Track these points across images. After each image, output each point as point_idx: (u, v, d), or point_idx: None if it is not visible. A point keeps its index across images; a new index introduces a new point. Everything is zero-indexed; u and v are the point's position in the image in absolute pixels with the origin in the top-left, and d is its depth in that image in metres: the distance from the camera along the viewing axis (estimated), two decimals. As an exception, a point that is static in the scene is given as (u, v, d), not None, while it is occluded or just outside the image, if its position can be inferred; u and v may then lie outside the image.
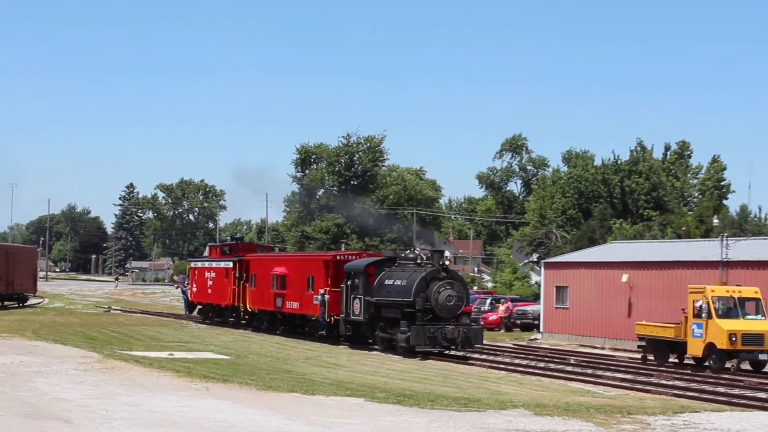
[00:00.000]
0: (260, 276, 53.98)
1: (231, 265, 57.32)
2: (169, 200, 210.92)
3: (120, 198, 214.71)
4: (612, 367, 37.78)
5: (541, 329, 55.30)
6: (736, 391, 30.95)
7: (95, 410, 20.83)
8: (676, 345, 38.12)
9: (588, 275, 52.40)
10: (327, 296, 45.96)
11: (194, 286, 63.78)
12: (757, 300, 37.21)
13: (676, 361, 38.57)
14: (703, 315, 36.13)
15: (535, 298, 63.47)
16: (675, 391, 30.44)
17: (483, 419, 21.50)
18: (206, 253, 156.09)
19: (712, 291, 36.59)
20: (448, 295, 40.00)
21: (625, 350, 46.39)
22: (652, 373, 36.51)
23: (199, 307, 63.88)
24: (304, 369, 33.84)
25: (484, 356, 41.08)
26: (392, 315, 41.77)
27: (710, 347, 35.97)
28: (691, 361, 37.87)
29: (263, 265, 54.32)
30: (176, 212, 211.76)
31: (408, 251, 47.72)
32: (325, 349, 44.18)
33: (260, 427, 19.01)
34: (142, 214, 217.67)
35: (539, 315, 56.09)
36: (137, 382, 27.37)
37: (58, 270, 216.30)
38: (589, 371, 35.98)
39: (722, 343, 35.32)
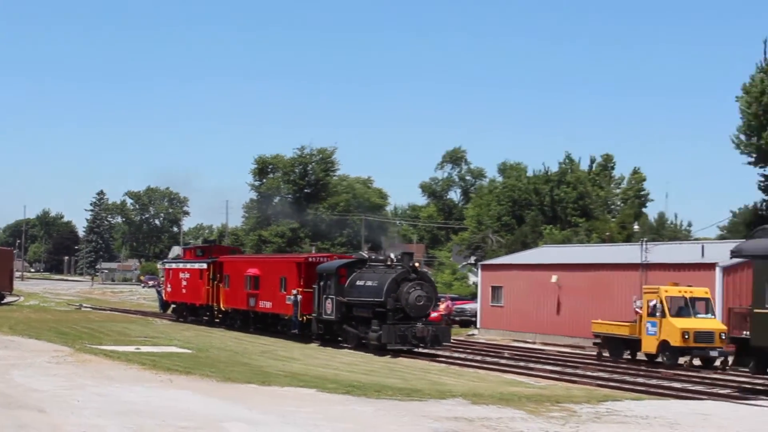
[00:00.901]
0: (233, 277, 52.81)
1: (205, 266, 56.10)
2: (137, 206, 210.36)
3: (91, 204, 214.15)
4: (542, 360, 37.96)
5: (478, 325, 55.55)
6: (654, 381, 31.31)
7: (67, 400, 20.72)
8: (630, 342, 37.81)
9: (521, 276, 52.68)
10: (300, 296, 44.87)
11: (168, 286, 62.45)
12: (707, 300, 37.38)
13: (629, 357, 38.26)
14: (657, 314, 36.01)
15: (473, 296, 63.59)
16: (599, 382, 30.64)
17: (425, 408, 21.58)
18: (172, 254, 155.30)
19: (666, 291, 36.63)
20: (418, 296, 39.10)
21: (554, 344, 46.67)
22: (578, 365, 36.81)
23: (173, 306, 62.47)
24: (261, 362, 33.77)
25: (426, 350, 41.08)
26: (364, 314, 40.73)
27: (664, 344, 35.92)
28: (644, 358, 37.64)
29: (236, 267, 53.27)
30: (143, 217, 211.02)
31: (373, 254, 47.24)
32: (280, 344, 44.06)
33: (220, 416, 18.99)
34: (111, 219, 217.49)
35: (476, 312, 56.38)
36: (106, 374, 27.22)
37: (33, 270, 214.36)
38: (522, 364, 36.10)
39: (676, 341, 35.31)
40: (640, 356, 37.93)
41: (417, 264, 41.14)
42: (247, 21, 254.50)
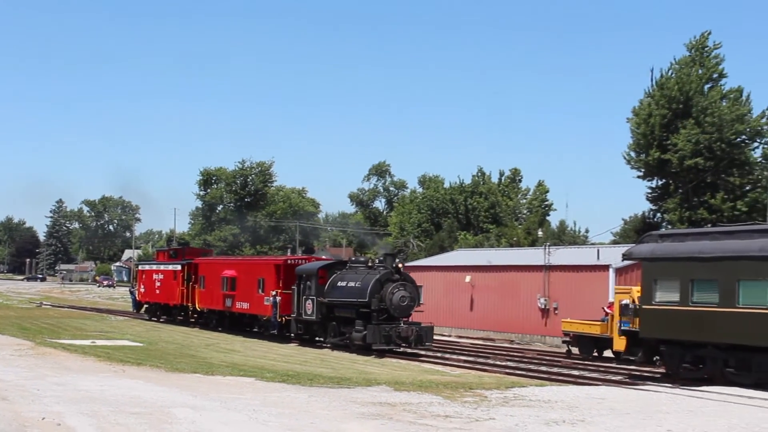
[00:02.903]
0: (209, 278, 49.65)
1: (179, 267, 53.04)
2: (93, 213, 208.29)
3: (51, 211, 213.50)
4: (457, 352, 38.13)
5: (401, 321, 55.63)
6: (555, 370, 31.61)
7: (28, 389, 20.40)
8: (600, 340, 35.76)
9: (438, 276, 52.88)
10: (279, 298, 41.79)
11: (142, 287, 59.43)
12: None
13: (596, 354, 36.31)
14: (630, 313, 34.23)
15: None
16: (507, 371, 30.88)
17: (353, 394, 21.57)
18: (125, 257, 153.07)
19: (638, 291, 34.69)
20: (402, 296, 36.32)
21: (468, 337, 46.94)
22: (489, 355, 37.02)
23: (145, 306, 59.39)
24: (205, 354, 33.54)
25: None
26: (346, 315, 37.77)
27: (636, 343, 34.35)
28: (611, 355, 35.17)
29: (212, 268, 50.01)
30: (98, 223, 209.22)
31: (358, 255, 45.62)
32: (222, 337, 43.78)
33: (168, 402, 18.82)
34: (69, 225, 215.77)
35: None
36: (64, 366, 26.89)
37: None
38: (439, 355, 36.20)
39: None
40: (607, 353, 35.76)
41: (400, 265, 38.41)
42: (195, 48, 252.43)
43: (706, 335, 26.43)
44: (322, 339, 40.24)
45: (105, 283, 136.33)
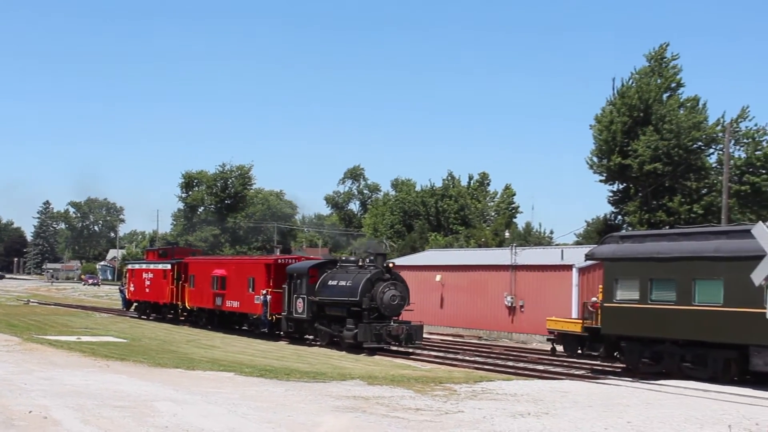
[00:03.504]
0: (199, 277, 48.78)
1: (169, 266, 52.17)
2: (78, 214, 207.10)
3: (38, 212, 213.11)
4: (428, 347, 38.10)
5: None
6: (521, 365, 31.70)
7: (16, 383, 20.26)
8: (584, 339, 33.24)
9: (410, 275, 52.65)
10: (269, 296, 40.91)
11: (132, 285, 58.48)
12: None
13: (580, 352, 33.91)
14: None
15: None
16: (476, 365, 30.93)
17: (328, 388, 21.56)
18: (109, 257, 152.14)
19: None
20: (392, 295, 35.40)
21: (438, 334, 46.95)
22: (458, 351, 37.08)
23: (135, 304, 58.47)
24: (187, 350, 33.41)
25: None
26: (337, 313, 36.77)
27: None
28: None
29: (202, 268, 49.06)
30: (84, 224, 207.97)
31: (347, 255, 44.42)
32: (204, 333, 43.62)
33: (151, 396, 18.76)
34: (56, 225, 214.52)
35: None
36: (51, 361, 26.70)
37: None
38: (410, 350, 36.15)
39: None
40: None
41: (391, 265, 37.34)
42: (178, 55, 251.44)
43: (664, 332, 26.62)
44: (312, 337, 39.42)
45: (90, 281, 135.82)
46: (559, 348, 32.79)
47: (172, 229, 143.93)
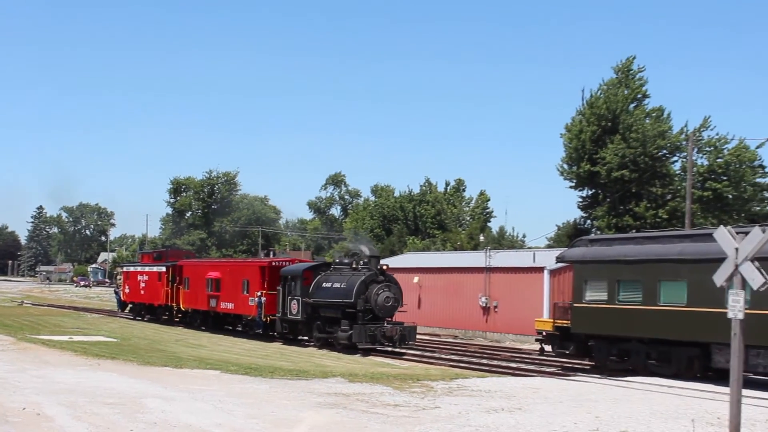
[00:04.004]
0: (194, 279, 48.12)
1: (164, 269, 51.58)
2: (71, 219, 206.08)
3: (32, 216, 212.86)
4: (405, 346, 38.02)
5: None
6: (495, 362, 31.78)
7: (10, 381, 20.20)
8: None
9: (389, 277, 52.87)
10: (264, 298, 40.23)
11: (127, 287, 57.71)
12: None
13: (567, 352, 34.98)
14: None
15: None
16: (452, 363, 30.98)
17: (310, 386, 21.57)
18: (100, 259, 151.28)
19: None
20: (387, 297, 34.48)
21: (416, 333, 46.89)
22: (435, 350, 37.11)
23: (130, 305, 57.92)
24: (175, 348, 33.31)
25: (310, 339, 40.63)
26: (332, 315, 35.90)
27: None
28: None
29: (197, 270, 48.45)
30: (76, 228, 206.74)
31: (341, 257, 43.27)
32: (191, 333, 43.50)
33: (140, 393, 18.71)
34: (49, 230, 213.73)
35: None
36: (44, 360, 26.60)
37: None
38: (389, 349, 36.10)
39: None
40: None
41: (385, 267, 36.32)
42: (166, 70, 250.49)
43: (630, 330, 26.77)
44: (306, 338, 38.67)
45: (82, 283, 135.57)
46: (548, 348, 32.76)
47: (161, 233, 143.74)
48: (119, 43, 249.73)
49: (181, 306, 49.48)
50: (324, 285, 36.73)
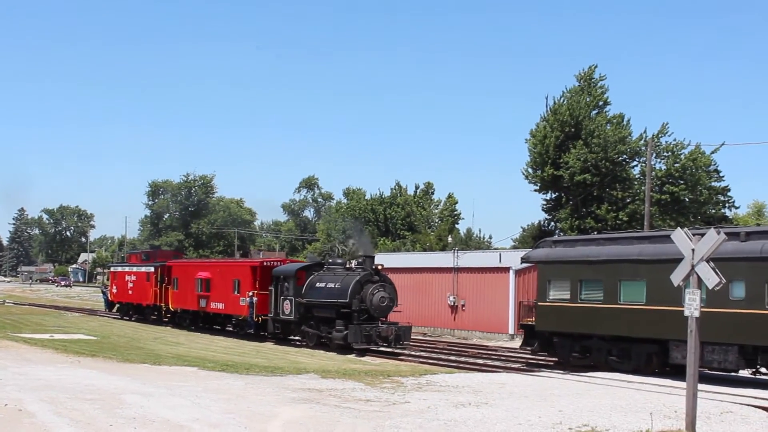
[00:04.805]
0: (183, 279, 46.55)
1: (152, 269, 50.11)
2: (51, 221, 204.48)
3: (13, 218, 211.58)
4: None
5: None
6: (463, 359, 31.82)
7: (-8, 379, 20.01)
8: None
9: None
10: (255, 298, 38.85)
11: (114, 287, 55.84)
12: None
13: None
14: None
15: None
16: (421, 360, 30.98)
17: (285, 381, 21.53)
18: (81, 260, 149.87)
19: None
20: (382, 297, 33.26)
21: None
22: (404, 347, 37.04)
23: (117, 305, 56.44)
24: (153, 346, 33.10)
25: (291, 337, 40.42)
26: (326, 315, 34.45)
27: None
28: None
29: (186, 270, 46.88)
30: (56, 229, 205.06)
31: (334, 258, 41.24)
32: (169, 331, 43.22)
33: (119, 389, 18.59)
34: (30, 231, 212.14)
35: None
36: (25, 357, 26.37)
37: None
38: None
39: None
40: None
41: (380, 267, 34.76)
42: (146, 73, 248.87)
43: (592, 328, 26.91)
44: (298, 338, 37.47)
45: (62, 283, 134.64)
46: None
47: (140, 235, 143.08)
48: (98, 44, 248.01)
49: (170, 306, 48.20)
50: (317, 285, 35.46)
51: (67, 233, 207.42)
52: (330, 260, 39.01)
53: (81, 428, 13.83)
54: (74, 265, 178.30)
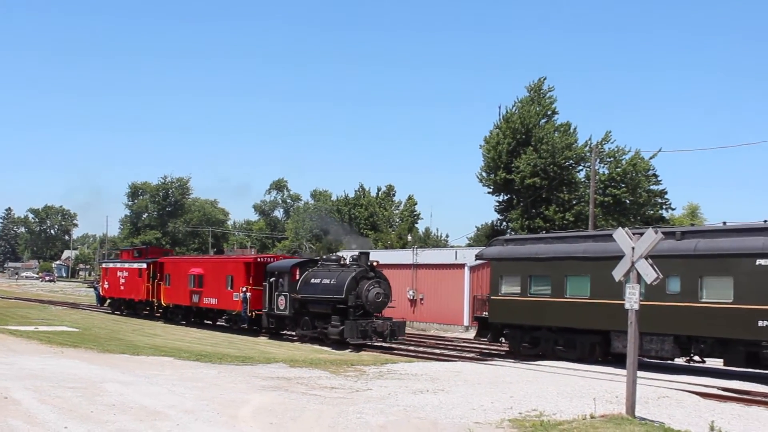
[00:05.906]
0: (175, 275, 45.08)
1: (145, 265, 48.44)
2: (37, 219, 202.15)
3: (1, 217, 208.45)
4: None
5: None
6: (421, 349, 31.90)
7: (-22, 369, 19.78)
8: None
9: (327, 273, 52.64)
10: (249, 294, 37.57)
11: (106, 283, 54.36)
12: None
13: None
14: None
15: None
16: (382, 350, 31.02)
17: (255, 370, 21.50)
18: (64, 257, 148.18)
19: None
20: (377, 293, 32.03)
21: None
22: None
23: (109, 300, 54.21)
24: (132, 338, 32.87)
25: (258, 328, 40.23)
26: (321, 310, 33.21)
27: None
28: None
29: (179, 267, 45.41)
30: (41, 228, 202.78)
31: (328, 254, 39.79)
32: (147, 323, 42.88)
33: (100, 378, 18.47)
34: (16, 229, 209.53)
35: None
36: (11, 348, 26.07)
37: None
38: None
39: None
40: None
41: (375, 263, 33.55)
42: (121, 79, 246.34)
43: (540, 320, 27.12)
44: (293, 333, 36.06)
45: (47, 278, 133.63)
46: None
47: (120, 233, 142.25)
48: (82, 50, 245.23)
49: (162, 301, 46.80)
50: (312, 281, 34.10)
51: (52, 231, 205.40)
52: (324, 257, 37.80)
53: (64, 414, 13.73)
54: (58, 262, 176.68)
